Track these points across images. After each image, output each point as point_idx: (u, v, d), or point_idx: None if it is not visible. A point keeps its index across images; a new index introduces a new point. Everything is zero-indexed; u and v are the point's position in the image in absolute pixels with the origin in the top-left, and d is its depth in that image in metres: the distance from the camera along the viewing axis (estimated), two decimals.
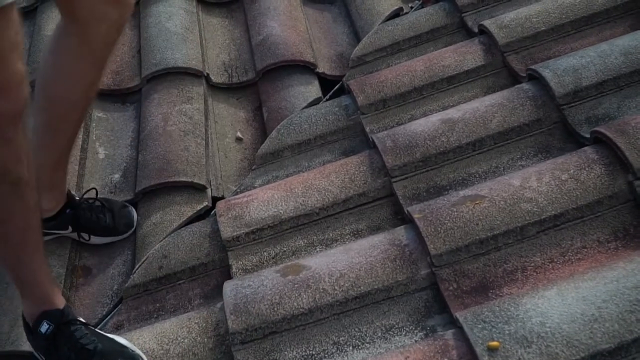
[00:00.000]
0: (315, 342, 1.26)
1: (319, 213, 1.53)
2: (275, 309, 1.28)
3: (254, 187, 1.73)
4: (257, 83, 2.17)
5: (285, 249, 1.51)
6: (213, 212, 1.70)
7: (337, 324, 1.27)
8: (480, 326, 1.08)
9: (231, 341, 1.27)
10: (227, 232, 1.54)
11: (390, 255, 1.31)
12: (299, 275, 1.32)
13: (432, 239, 1.29)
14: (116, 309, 1.60)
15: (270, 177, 1.77)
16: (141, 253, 1.67)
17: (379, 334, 1.25)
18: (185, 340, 1.35)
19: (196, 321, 1.38)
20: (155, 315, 1.54)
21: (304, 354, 1.24)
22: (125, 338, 1.39)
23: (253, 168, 1.83)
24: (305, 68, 2.13)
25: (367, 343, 1.24)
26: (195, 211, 1.74)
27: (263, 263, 1.50)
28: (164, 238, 1.67)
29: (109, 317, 1.60)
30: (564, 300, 1.08)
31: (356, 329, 1.26)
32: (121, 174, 1.88)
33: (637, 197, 1.28)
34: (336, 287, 1.28)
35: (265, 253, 1.51)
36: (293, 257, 1.49)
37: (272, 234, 1.53)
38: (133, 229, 1.76)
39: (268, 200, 1.57)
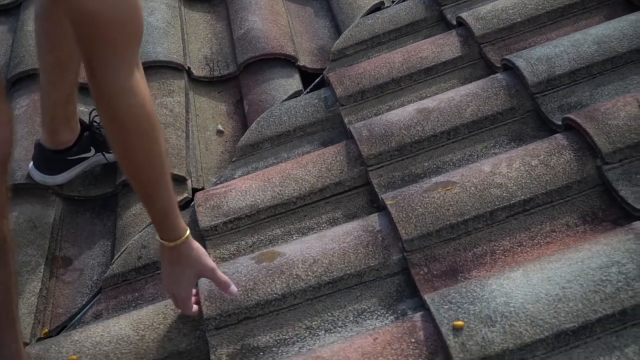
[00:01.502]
0: (289, 327, 1.27)
1: (295, 202, 1.54)
2: (249, 294, 1.29)
3: (234, 178, 1.75)
4: (238, 76, 2.18)
5: (262, 237, 1.52)
6: (193, 203, 1.71)
7: (310, 309, 1.29)
8: (446, 307, 1.09)
9: (205, 327, 1.29)
10: (205, 221, 1.55)
11: (363, 241, 1.33)
12: (273, 262, 1.34)
13: (404, 224, 1.30)
14: (95, 298, 1.61)
15: (250, 168, 1.78)
16: (121, 244, 1.68)
17: (351, 318, 1.26)
18: (161, 326, 1.36)
19: (172, 307, 1.39)
20: (133, 305, 1.54)
21: (277, 338, 1.26)
22: (102, 326, 1.40)
23: (233, 160, 1.84)
24: (286, 61, 2.15)
25: (339, 327, 1.25)
26: None
27: (240, 252, 1.51)
28: (144, 229, 1.68)
29: (88, 306, 1.61)
30: (529, 280, 1.10)
31: (329, 314, 1.28)
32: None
33: (606, 182, 1.30)
34: (309, 273, 1.29)
35: (242, 242, 1.53)
36: (270, 245, 1.50)
37: (250, 223, 1.54)
38: None
39: (246, 190, 1.58)
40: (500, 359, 1.02)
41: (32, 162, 1.79)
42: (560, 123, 1.46)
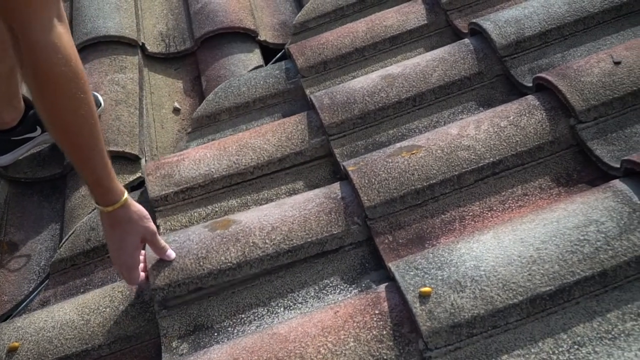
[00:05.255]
0: (245, 305, 1.17)
1: (253, 172, 1.43)
2: (201, 263, 1.18)
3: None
4: (195, 52, 2.08)
5: (217, 209, 1.41)
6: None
7: (268, 286, 1.19)
8: (412, 273, 1.00)
9: (154, 298, 1.17)
10: (154, 191, 1.43)
11: (325, 208, 1.23)
12: (228, 230, 1.23)
13: (366, 190, 1.21)
14: (43, 285, 1.50)
15: (205, 140, 1.67)
16: (69, 226, 1.57)
17: (312, 294, 1.17)
18: (107, 310, 1.26)
19: (120, 290, 1.29)
20: (82, 290, 1.44)
21: (232, 318, 1.16)
22: (47, 311, 1.29)
23: (188, 132, 1.73)
24: (246, 36, 2.05)
25: (300, 303, 1.16)
26: (127, 182, 1.64)
27: (193, 223, 1.40)
28: (93, 210, 1.57)
29: (35, 293, 1.49)
30: (500, 242, 1.01)
31: (288, 290, 1.18)
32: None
33: (580, 142, 1.22)
34: (267, 241, 1.19)
35: (195, 213, 1.41)
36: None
37: (203, 193, 1.43)
38: (101, 106, 1.73)
39: (200, 159, 1.47)
40: (471, 327, 0.93)
41: None
42: (530, 85, 1.38)
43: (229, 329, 1.14)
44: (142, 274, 1.21)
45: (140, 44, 2.03)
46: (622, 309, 0.94)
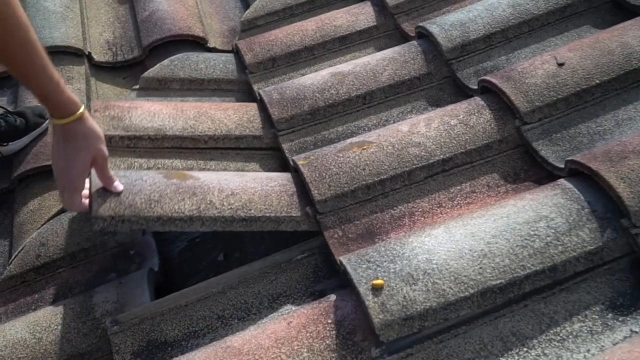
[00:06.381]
0: (199, 318, 1.13)
1: (207, 142, 1.39)
2: (153, 205, 1.13)
3: None
4: (144, 61, 2.03)
5: (160, 166, 1.36)
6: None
7: (222, 297, 1.15)
8: (364, 266, 0.98)
9: (92, 225, 1.10)
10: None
11: (288, 190, 1.21)
12: (185, 182, 1.18)
13: (317, 184, 1.19)
14: None
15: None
16: (18, 242, 1.50)
17: (266, 304, 1.14)
18: (59, 328, 1.21)
19: (71, 307, 1.25)
20: (33, 307, 1.37)
21: (186, 331, 1.12)
22: None
23: (134, 87, 1.66)
24: (196, 43, 2.02)
25: (253, 314, 1.13)
26: None
27: None
28: (42, 225, 1.49)
29: None
30: (452, 237, 1.01)
31: (241, 301, 1.15)
32: None
33: (525, 143, 1.24)
34: (225, 203, 1.16)
35: (136, 163, 1.36)
36: None
37: (151, 147, 1.38)
38: (48, 119, 1.66)
39: (155, 112, 1.41)
40: (423, 319, 0.92)
41: None
42: (476, 88, 1.40)
43: (183, 342, 1.10)
44: (85, 200, 1.14)
45: (87, 53, 1.97)
46: (570, 311, 0.96)
